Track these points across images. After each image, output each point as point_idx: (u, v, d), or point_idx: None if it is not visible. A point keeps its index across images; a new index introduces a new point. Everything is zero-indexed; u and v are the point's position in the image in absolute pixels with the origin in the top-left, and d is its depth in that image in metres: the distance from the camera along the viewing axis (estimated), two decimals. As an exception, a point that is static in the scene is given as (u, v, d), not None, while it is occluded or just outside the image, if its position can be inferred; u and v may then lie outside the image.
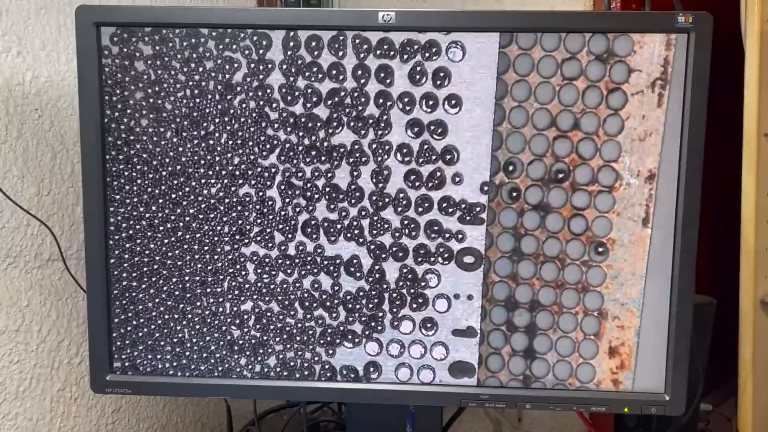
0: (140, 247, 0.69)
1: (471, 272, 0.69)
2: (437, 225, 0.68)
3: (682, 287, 0.67)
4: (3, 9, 0.74)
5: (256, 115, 0.67)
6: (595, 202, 0.67)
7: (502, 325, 0.70)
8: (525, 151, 0.67)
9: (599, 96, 0.66)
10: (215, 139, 0.67)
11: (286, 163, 0.68)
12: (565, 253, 0.68)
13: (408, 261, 0.69)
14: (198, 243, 0.69)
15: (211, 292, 0.70)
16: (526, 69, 0.66)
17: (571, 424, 1.05)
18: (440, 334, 0.70)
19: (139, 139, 0.67)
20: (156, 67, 0.67)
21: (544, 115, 0.66)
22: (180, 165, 0.68)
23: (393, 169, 0.67)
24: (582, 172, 0.67)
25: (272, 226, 0.69)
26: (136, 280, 0.70)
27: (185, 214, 0.69)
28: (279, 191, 0.68)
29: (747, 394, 0.79)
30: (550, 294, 0.69)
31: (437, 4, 1.10)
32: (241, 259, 0.69)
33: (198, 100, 0.67)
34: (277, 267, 0.69)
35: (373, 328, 0.70)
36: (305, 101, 0.67)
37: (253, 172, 0.68)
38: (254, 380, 0.71)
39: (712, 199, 0.74)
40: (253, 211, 0.68)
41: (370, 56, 0.66)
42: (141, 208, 0.68)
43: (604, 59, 0.65)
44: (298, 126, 0.67)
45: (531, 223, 0.68)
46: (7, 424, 0.78)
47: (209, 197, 0.68)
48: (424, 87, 0.66)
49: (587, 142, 0.66)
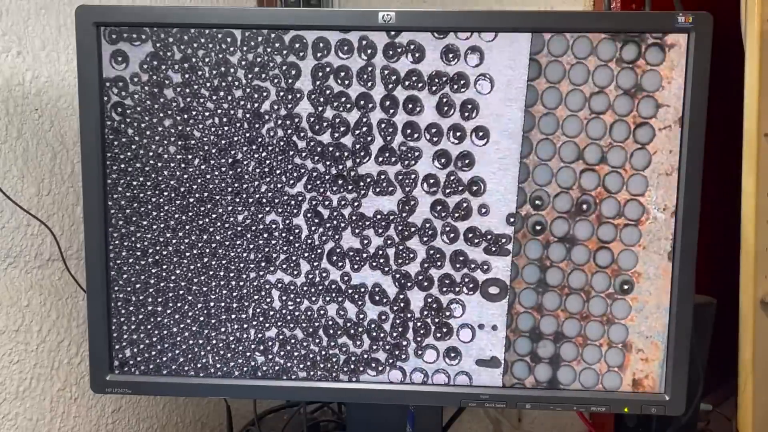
0: (166, 273, 0.69)
1: (496, 303, 0.69)
2: (463, 255, 0.68)
3: (682, 287, 0.67)
4: (3, 9, 0.75)
5: (284, 144, 0.67)
6: (621, 235, 0.67)
7: (527, 356, 0.70)
8: (552, 183, 0.67)
9: (627, 130, 0.66)
10: (243, 166, 0.68)
11: (313, 191, 0.68)
12: (591, 285, 0.68)
13: (433, 290, 0.69)
14: (224, 269, 0.69)
15: (236, 318, 0.70)
16: (554, 102, 0.66)
17: (571, 424, 1.05)
18: (464, 363, 0.70)
19: (166, 165, 0.68)
20: (185, 95, 0.67)
21: (572, 148, 0.67)
22: (207, 192, 0.68)
23: (419, 200, 0.68)
24: (608, 205, 0.67)
25: (298, 253, 0.69)
26: (161, 305, 0.70)
27: (212, 241, 0.69)
28: (305, 219, 0.68)
29: (747, 394, 0.79)
30: (575, 326, 0.69)
31: (437, 4, 1.10)
32: (266, 286, 0.70)
33: (226, 128, 0.67)
34: (302, 294, 0.70)
35: (397, 356, 0.70)
36: (333, 131, 0.67)
37: (279, 200, 0.68)
38: (254, 380, 0.71)
39: (712, 199, 0.73)
40: (280, 238, 0.69)
41: (398, 87, 0.66)
42: (168, 234, 0.69)
43: (632, 94, 0.65)
44: (326, 155, 0.67)
45: (557, 255, 0.68)
46: (7, 424, 0.78)
47: (236, 224, 0.69)
48: (452, 119, 0.66)
49: (614, 176, 0.67)
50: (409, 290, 0.69)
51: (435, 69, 0.66)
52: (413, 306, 0.69)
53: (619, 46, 0.65)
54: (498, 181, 0.67)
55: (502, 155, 0.67)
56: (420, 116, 0.67)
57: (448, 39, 0.65)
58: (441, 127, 0.67)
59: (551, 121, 0.66)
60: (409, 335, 0.70)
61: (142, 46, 0.66)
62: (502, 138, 0.66)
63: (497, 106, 0.66)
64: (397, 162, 0.67)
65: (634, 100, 0.66)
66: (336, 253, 0.69)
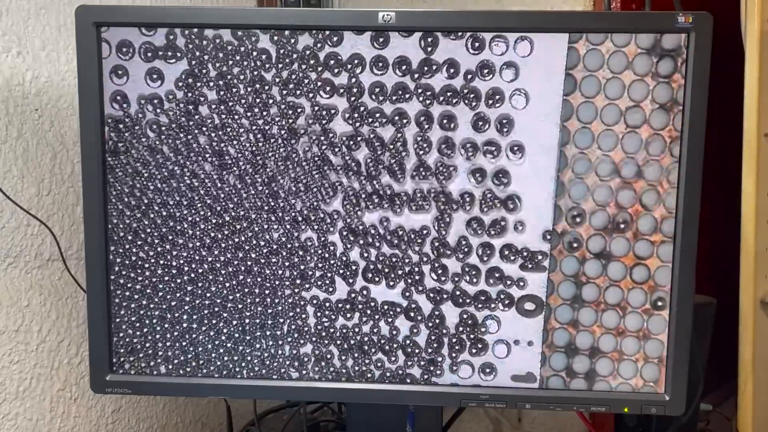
0: (201, 290, 0.69)
1: (531, 319, 0.69)
2: (498, 272, 0.68)
3: (682, 287, 0.67)
4: (3, 9, 0.75)
5: (319, 161, 0.67)
6: (657, 251, 0.67)
7: (562, 371, 0.70)
8: (588, 199, 0.67)
9: (662, 144, 0.66)
10: (278, 184, 0.68)
11: (349, 208, 0.68)
12: (627, 301, 0.68)
13: (468, 307, 0.69)
14: (259, 287, 0.69)
15: (270, 335, 0.70)
16: (590, 117, 0.66)
17: (571, 424, 1.05)
18: (499, 379, 0.70)
19: (202, 183, 0.68)
20: (220, 112, 0.67)
21: (607, 164, 0.66)
22: (243, 210, 0.68)
23: (455, 216, 0.68)
24: (645, 221, 0.67)
25: (333, 270, 0.69)
26: (197, 322, 0.70)
27: (247, 258, 0.69)
28: (341, 236, 0.68)
29: (747, 394, 0.79)
30: (611, 341, 0.69)
31: (437, 4, 1.10)
32: (301, 303, 0.70)
33: (261, 145, 0.67)
34: (337, 311, 0.70)
35: (432, 372, 0.70)
36: (368, 147, 0.67)
37: (315, 217, 0.68)
38: (254, 380, 0.71)
39: (712, 199, 0.73)
40: (315, 255, 0.69)
41: (434, 103, 0.66)
42: (203, 252, 0.69)
43: (668, 108, 0.65)
44: (361, 172, 0.67)
45: (593, 270, 0.68)
46: (7, 424, 0.78)
47: (271, 242, 0.69)
48: (487, 134, 0.66)
49: (651, 192, 0.66)
50: (444, 306, 0.69)
51: (470, 85, 0.65)
52: (448, 322, 0.69)
53: (655, 61, 0.65)
54: (534, 197, 0.67)
55: (538, 171, 0.66)
56: (455, 132, 0.66)
57: (483, 55, 0.65)
58: (476, 143, 0.66)
59: (587, 135, 0.66)
60: (444, 351, 0.70)
61: (177, 64, 0.66)
62: (538, 153, 0.66)
63: (532, 121, 0.66)
64: (432, 178, 0.67)
65: (669, 113, 0.65)
66: (371, 270, 0.69)
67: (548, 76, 0.65)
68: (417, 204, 0.68)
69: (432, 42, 0.65)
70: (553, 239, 0.67)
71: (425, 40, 0.65)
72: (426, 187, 0.67)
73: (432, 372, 0.70)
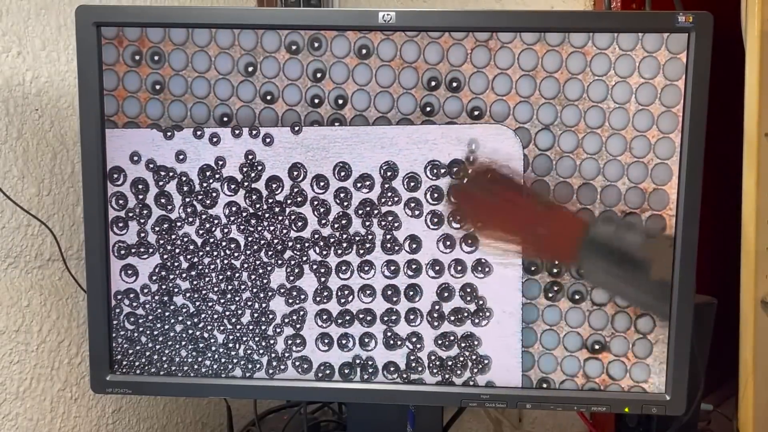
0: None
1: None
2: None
3: (682, 287, 0.67)
4: (3, 9, 0.75)
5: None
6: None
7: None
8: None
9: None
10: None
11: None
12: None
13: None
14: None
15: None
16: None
17: (572, 424, 1.05)
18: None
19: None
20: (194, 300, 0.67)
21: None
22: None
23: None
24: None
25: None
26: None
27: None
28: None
29: (747, 394, 0.79)
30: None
31: (437, 4, 1.09)
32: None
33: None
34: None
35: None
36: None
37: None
38: (254, 380, 0.71)
39: (712, 199, 0.73)
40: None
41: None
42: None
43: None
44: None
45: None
46: (7, 425, 0.78)
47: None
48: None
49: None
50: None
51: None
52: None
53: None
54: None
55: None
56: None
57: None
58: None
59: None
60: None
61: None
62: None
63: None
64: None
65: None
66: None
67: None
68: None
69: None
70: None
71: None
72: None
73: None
